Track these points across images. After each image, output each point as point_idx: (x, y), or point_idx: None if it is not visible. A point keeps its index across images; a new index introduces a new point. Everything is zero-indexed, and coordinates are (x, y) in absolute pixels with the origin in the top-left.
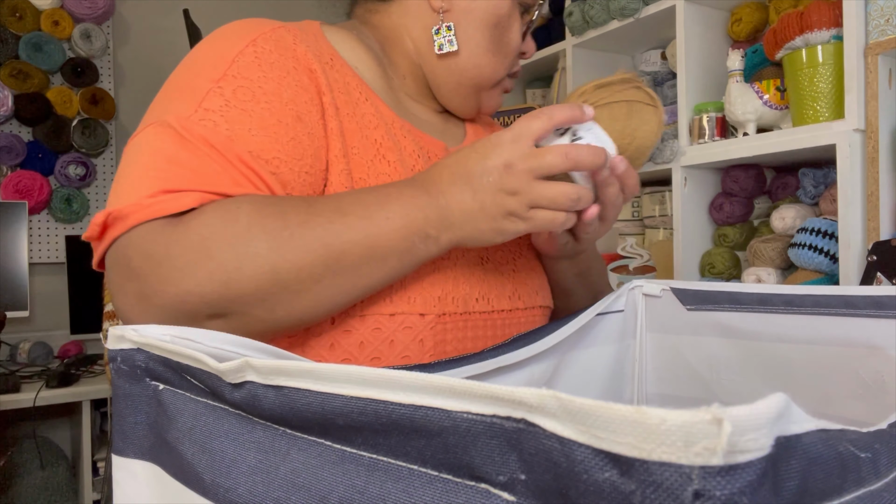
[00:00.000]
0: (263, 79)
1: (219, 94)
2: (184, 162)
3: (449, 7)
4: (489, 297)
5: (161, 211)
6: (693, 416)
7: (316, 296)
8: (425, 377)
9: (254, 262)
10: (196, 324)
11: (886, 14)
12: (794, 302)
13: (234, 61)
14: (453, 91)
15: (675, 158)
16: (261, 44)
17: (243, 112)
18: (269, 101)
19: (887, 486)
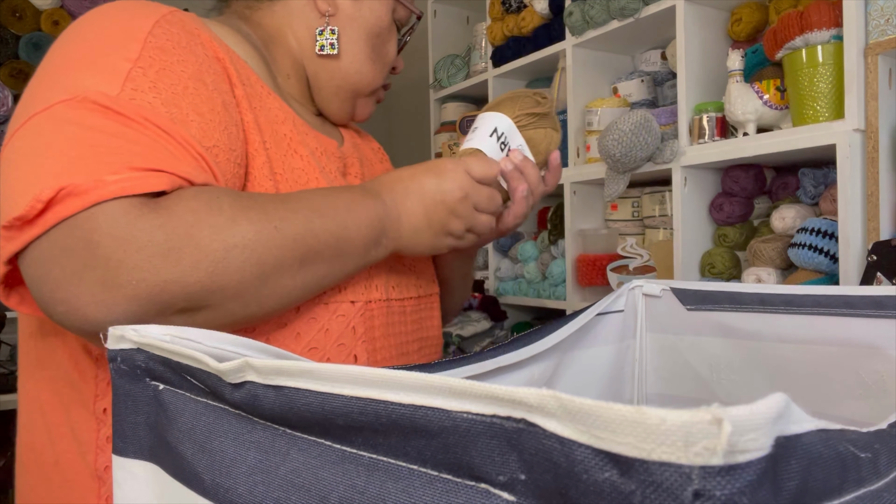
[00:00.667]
0: (182, 62)
1: (142, 75)
2: (136, 140)
3: (334, 12)
4: (400, 285)
5: (133, 189)
6: (693, 416)
7: (288, 290)
8: (425, 377)
9: (241, 254)
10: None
11: (886, 14)
12: (794, 302)
13: (145, 41)
14: (332, 94)
15: (675, 158)
16: (166, 25)
17: (174, 95)
18: (195, 87)
19: (887, 486)
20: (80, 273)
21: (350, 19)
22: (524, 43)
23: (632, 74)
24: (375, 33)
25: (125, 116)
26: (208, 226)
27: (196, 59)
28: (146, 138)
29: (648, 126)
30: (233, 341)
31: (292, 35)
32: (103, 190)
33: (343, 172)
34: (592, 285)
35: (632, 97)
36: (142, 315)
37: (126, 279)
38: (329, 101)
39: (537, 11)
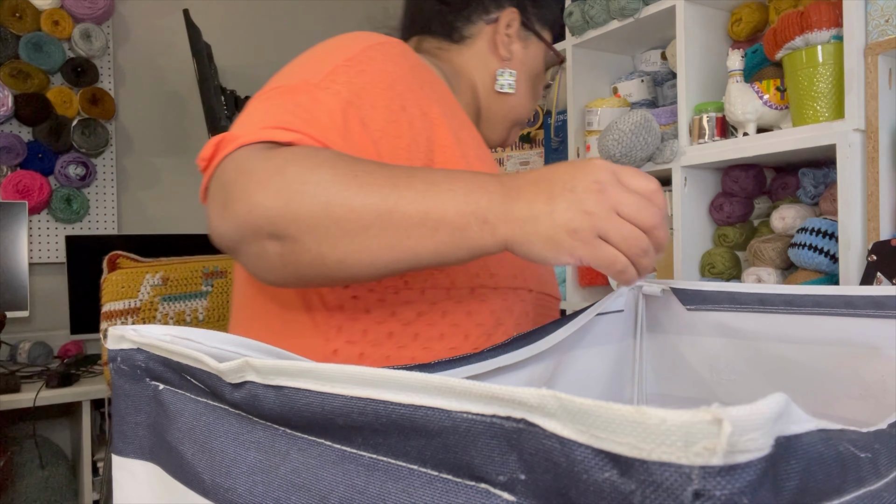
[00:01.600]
0: (383, 71)
1: (344, 72)
2: (300, 110)
3: (510, 57)
4: (551, 283)
5: (264, 137)
6: (693, 416)
7: (360, 243)
8: (425, 377)
9: (314, 190)
10: (257, 242)
11: (886, 14)
12: (794, 302)
13: (362, 51)
14: (498, 123)
15: (675, 158)
16: (388, 47)
17: (362, 89)
18: (383, 88)
19: (887, 486)
20: (216, 195)
21: (521, 63)
22: None
23: (632, 74)
24: (535, 74)
25: (309, 94)
26: (297, 165)
27: (397, 72)
28: (310, 112)
29: (648, 126)
30: (233, 341)
31: (475, 73)
32: (247, 137)
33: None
34: (592, 285)
35: (632, 97)
36: (242, 235)
37: (232, 199)
38: (494, 128)
39: None
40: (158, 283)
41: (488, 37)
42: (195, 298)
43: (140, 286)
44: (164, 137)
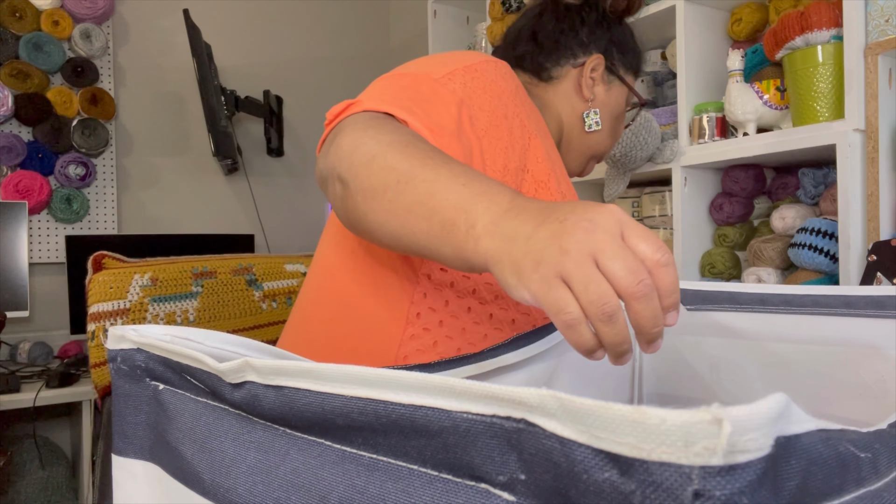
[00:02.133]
0: (493, 82)
1: (461, 75)
2: (420, 97)
3: (593, 98)
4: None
5: (384, 108)
6: (693, 416)
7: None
8: (425, 377)
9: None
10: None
11: (886, 14)
12: (794, 302)
13: (478, 63)
14: (578, 156)
15: (675, 158)
16: (499, 65)
17: (474, 92)
18: (491, 96)
19: (887, 486)
20: (326, 143)
21: (602, 104)
22: None
23: None
24: (616, 115)
25: (431, 85)
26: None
27: (502, 87)
28: (427, 102)
29: (648, 126)
30: (233, 341)
31: (561, 109)
32: (367, 105)
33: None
34: None
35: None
36: (327, 173)
37: (331, 145)
38: (573, 160)
39: None
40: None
41: (574, 79)
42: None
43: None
44: (164, 137)
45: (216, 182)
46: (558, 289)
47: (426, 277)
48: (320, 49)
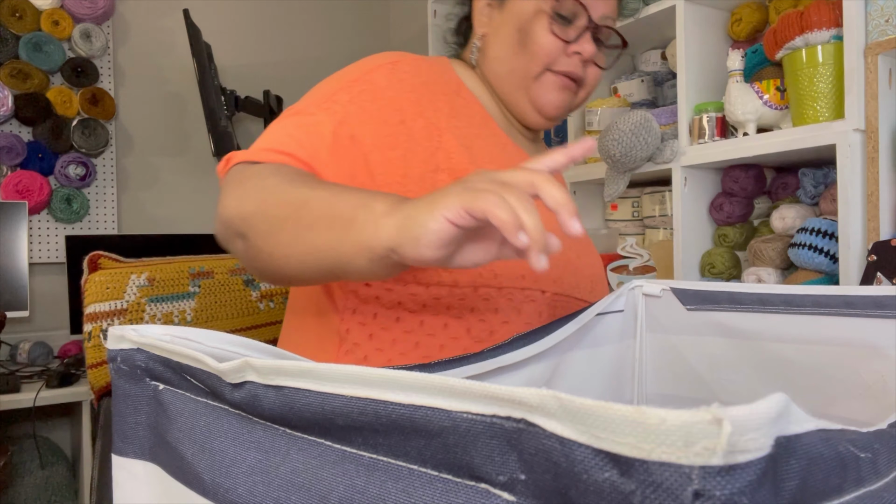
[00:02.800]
0: (388, 88)
1: (346, 91)
2: (299, 132)
3: (488, 31)
4: (581, 287)
5: (255, 157)
6: (693, 416)
7: (279, 237)
8: (425, 377)
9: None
10: (233, 242)
11: (886, 14)
12: (794, 302)
13: (368, 73)
14: (508, 96)
15: (675, 158)
16: (400, 65)
17: (360, 107)
18: (384, 104)
19: (887, 486)
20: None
21: (504, 25)
22: None
23: (632, 74)
24: (520, 25)
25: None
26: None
27: (402, 89)
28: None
29: (648, 126)
30: (233, 341)
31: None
32: (238, 158)
33: None
34: None
35: (632, 97)
36: (223, 234)
37: (218, 206)
38: (510, 104)
39: None
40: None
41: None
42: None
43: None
44: (164, 137)
45: (216, 182)
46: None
47: (353, 294)
48: (320, 49)
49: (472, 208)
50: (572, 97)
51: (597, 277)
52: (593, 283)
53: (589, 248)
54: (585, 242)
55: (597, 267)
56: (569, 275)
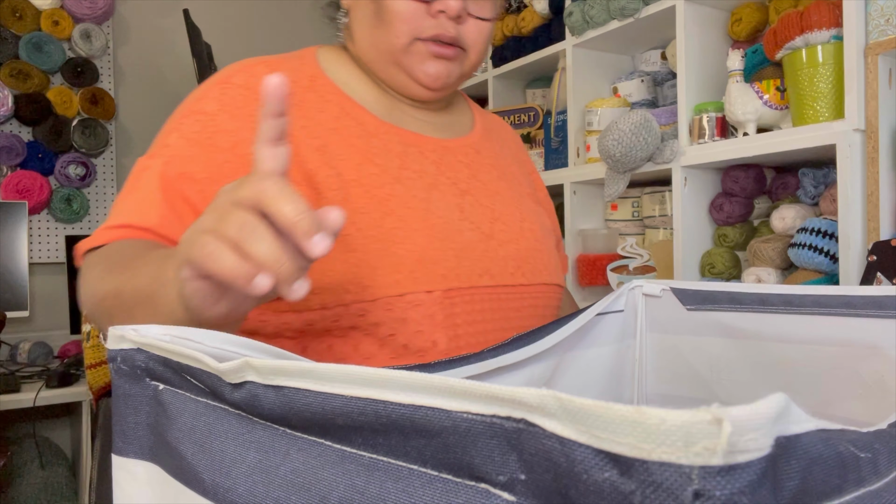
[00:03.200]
0: (219, 112)
1: (177, 129)
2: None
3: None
4: (492, 272)
5: (93, 244)
6: (693, 416)
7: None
8: (425, 377)
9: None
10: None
11: (886, 14)
12: (794, 302)
13: (199, 99)
14: (382, 73)
15: (675, 158)
16: (233, 81)
17: (189, 141)
18: (214, 131)
19: (887, 486)
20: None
21: (355, 3)
22: (524, 43)
23: (632, 74)
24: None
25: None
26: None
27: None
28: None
29: (648, 126)
30: (233, 341)
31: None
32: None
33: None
34: (592, 285)
35: (632, 97)
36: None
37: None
38: (384, 79)
39: (537, 11)
40: None
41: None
42: None
43: None
44: None
45: None
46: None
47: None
48: None
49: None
50: (455, 64)
51: (524, 256)
52: (519, 264)
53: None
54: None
55: (527, 243)
56: (469, 263)
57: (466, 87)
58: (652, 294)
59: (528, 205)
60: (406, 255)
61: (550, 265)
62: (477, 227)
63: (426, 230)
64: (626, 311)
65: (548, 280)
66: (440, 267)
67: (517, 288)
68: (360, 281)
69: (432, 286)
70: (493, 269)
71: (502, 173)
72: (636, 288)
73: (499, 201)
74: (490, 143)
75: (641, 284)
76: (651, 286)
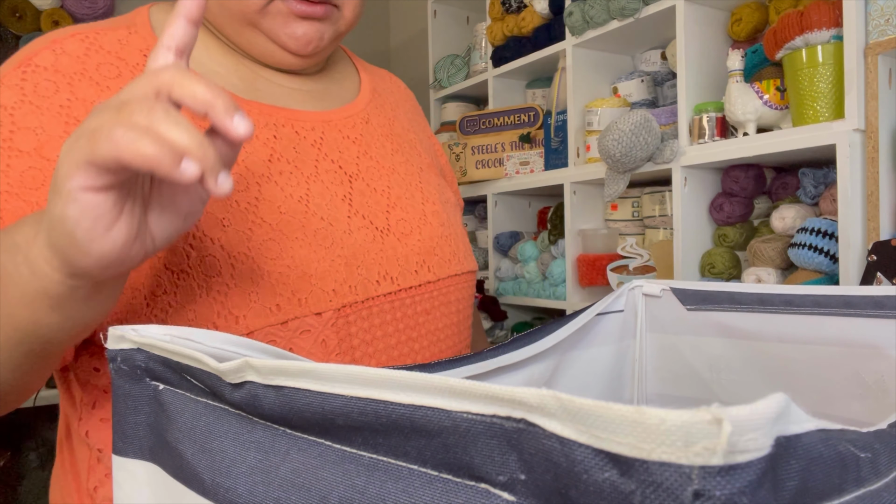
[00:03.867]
0: (19, 104)
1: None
2: None
3: None
4: (392, 275)
5: None
6: (693, 416)
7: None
8: (425, 377)
9: None
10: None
11: (886, 14)
12: (794, 302)
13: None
14: (235, 37)
15: (675, 158)
16: (32, 65)
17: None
18: (13, 131)
19: (887, 486)
20: None
21: None
22: (524, 43)
23: (632, 74)
24: None
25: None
26: None
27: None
28: None
29: (648, 126)
30: (233, 341)
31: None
32: None
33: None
34: (592, 285)
35: (632, 97)
36: None
37: None
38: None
39: (537, 11)
40: None
41: None
42: None
43: None
44: None
45: None
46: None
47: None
48: None
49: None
50: (327, 24)
51: (428, 248)
52: (423, 258)
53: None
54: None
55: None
56: (363, 270)
57: (468, 87)
58: (652, 294)
59: (431, 179)
60: (284, 273)
61: (460, 251)
62: (369, 223)
63: (307, 237)
64: (626, 311)
65: (458, 270)
66: (328, 281)
67: (423, 287)
68: (229, 312)
69: (321, 307)
70: (392, 272)
71: (398, 145)
72: (636, 288)
73: (396, 182)
74: (381, 109)
75: (641, 284)
76: (651, 286)
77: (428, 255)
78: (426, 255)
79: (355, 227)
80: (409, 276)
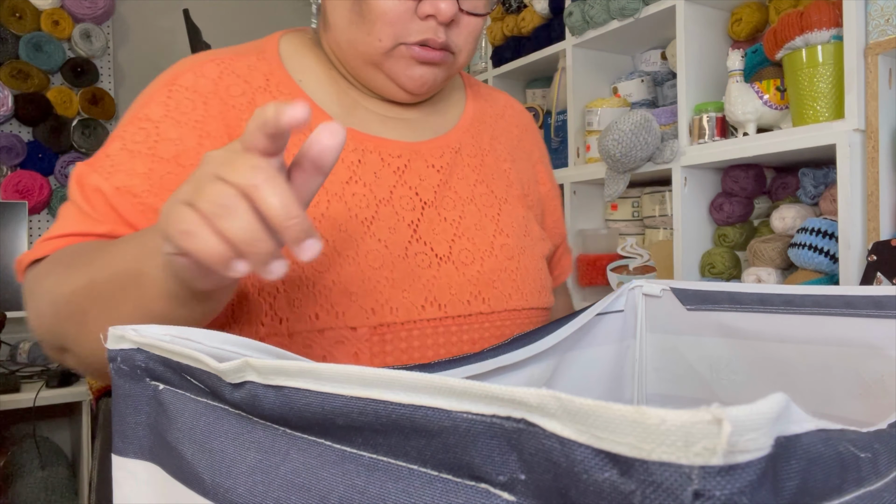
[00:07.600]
0: (164, 118)
1: (120, 139)
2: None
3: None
4: (441, 302)
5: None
6: (693, 416)
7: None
8: (425, 377)
9: (48, 298)
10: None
11: (886, 14)
12: (794, 302)
13: (144, 105)
14: (356, 71)
15: (675, 158)
16: (180, 82)
17: (130, 152)
18: (157, 140)
19: (887, 486)
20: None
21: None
22: (524, 43)
23: (632, 74)
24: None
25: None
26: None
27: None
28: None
29: (648, 126)
30: (233, 341)
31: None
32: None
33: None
34: (592, 285)
35: (632, 97)
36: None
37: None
38: (362, 80)
39: (537, 11)
40: None
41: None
42: None
43: None
44: None
45: None
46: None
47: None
48: None
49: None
50: (441, 69)
51: (487, 280)
52: (480, 289)
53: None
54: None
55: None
56: (410, 293)
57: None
58: (652, 294)
59: (513, 211)
60: (328, 287)
61: (525, 286)
62: (430, 249)
63: (357, 257)
64: (626, 311)
65: (520, 305)
66: (368, 300)
67: (474, 318)
68: (275, 313)
69: (356, 322)
70: (442, 299)
71: (484, 175)
72: (636, 288)
73: (470, 212)
74: (477, 138)
75: (641, 284)
76: (651, 286)
77: (485, 286)
78: (483, 287)
79: (413, 252)
80: (459, 304)
